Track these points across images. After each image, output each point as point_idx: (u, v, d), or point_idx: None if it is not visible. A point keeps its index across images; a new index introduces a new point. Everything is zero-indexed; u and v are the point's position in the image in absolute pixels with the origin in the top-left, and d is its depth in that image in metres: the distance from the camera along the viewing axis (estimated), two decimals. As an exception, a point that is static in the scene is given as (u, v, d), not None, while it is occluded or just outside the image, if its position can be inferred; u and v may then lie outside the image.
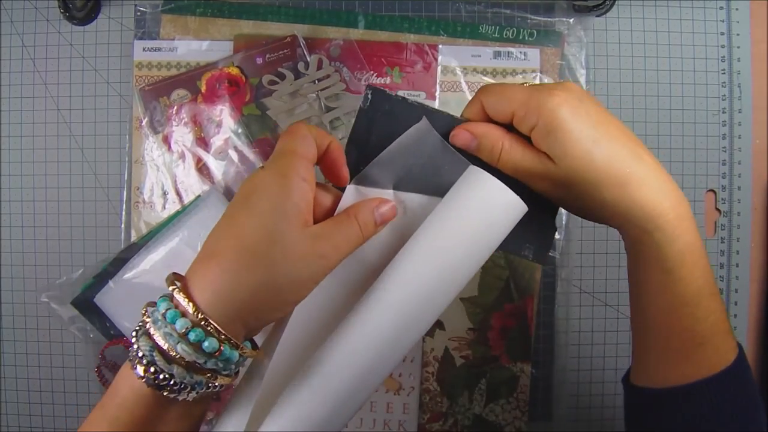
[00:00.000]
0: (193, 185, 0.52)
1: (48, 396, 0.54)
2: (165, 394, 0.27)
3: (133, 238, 0.52)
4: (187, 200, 0.52)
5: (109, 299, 0.51)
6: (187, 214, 0.51)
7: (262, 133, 0.52)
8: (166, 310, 0.27)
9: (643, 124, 0.54)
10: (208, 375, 0.28)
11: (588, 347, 0.54)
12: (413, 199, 0.34)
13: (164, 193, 0.53)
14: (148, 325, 0.27)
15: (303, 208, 0.29)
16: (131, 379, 0.27)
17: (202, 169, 0.53)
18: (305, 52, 0.52)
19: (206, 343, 0.27)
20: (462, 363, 0.53)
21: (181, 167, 0.52)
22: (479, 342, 0.53)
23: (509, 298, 0.53)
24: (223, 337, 0.27)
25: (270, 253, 0.28)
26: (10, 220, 0.54)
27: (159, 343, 0.27)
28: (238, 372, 0.30)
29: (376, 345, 0.29)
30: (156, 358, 0.26)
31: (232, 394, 0.32)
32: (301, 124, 0.32)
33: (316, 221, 0.31)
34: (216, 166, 0.52)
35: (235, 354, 0.28)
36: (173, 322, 0.27)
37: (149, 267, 0.50)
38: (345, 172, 0.33)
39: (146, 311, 0.28)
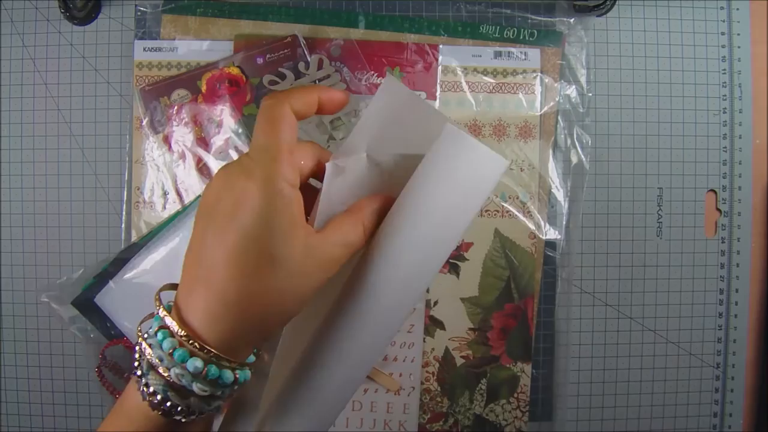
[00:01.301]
0: (193, 185, 0.52)
1: (48, 396, 0.54)
2: (176, 418, 0.27)
3: (134, 238, 0.52)
4: (187, 200, 0.52)
5: (109, 299, 0.51)
6: (188, 214, 0.51)
7: (263, 133, 0.52)
8: (173, 348, 0.26)
9: (644, 124, 0.54)
10: (219, 403, 0.28)
11: (588, 347, 0.54)
12: (388, 159, 0.33)
13: (165, 193, 0.53)
14: (152, 360, 0.26)
15: (298, 220, 0.27)
16: (138, 399, 0.27)
17: (202, 169, 0.52)
18: (306, 52, 0.52)
19: (221, 379, 0.27)
20: (462, 363, 0.53)
21: (181, 167, 0.52)
22: (479, 342, 0.53)
23: (509, 298, 0.53)
24: (236, 366, 0.27)
25: (272, 277, 0.27)
26: (10, 220, 0.54)
27: (171, 380, 0.26)
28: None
29: (376, 323, 0.30)
30: (170, 395, 0.26)
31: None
32: (283, 105, 0.29)
33: (301, 184, 0.30)
34: (216, 166, 0.52)
35: (247, 373, 0.29)
36: (183, 361, 0.26)
37: (150, 267, 0.50)
38: (344, 95, 0.32)
39: (140, 332, 0.28)
